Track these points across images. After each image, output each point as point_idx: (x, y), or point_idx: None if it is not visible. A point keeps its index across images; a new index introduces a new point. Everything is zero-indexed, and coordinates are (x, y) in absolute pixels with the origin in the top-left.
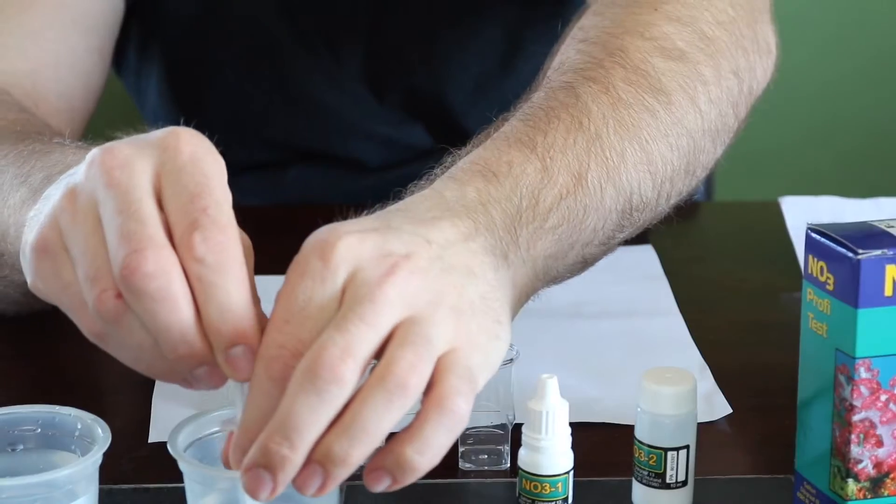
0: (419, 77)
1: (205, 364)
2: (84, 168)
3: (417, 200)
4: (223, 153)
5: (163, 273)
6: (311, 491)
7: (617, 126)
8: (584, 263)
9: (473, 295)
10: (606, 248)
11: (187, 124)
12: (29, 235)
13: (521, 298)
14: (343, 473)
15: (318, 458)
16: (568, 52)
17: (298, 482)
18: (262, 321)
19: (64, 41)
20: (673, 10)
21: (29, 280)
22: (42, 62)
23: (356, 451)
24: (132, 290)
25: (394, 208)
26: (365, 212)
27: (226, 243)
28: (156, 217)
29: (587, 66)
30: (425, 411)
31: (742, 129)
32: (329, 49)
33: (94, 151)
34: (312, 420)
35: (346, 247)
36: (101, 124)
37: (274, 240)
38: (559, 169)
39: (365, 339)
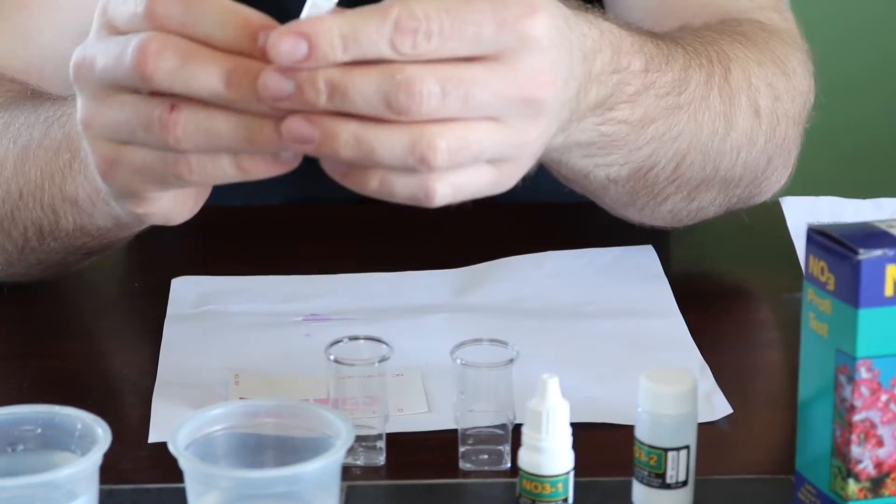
0: None
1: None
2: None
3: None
4: None
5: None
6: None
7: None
8: (614, 172)
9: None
10: (633, 185)
11: None
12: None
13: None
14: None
15: None
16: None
17: None
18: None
19: (53, 44)
20: (772, 75)
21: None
22: (31, 63)
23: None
24: (162, 72)
25: None
26: None
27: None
28: None
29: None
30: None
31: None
32: None
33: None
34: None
35: (545, 22)
36: None
37: (279, 240)
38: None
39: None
